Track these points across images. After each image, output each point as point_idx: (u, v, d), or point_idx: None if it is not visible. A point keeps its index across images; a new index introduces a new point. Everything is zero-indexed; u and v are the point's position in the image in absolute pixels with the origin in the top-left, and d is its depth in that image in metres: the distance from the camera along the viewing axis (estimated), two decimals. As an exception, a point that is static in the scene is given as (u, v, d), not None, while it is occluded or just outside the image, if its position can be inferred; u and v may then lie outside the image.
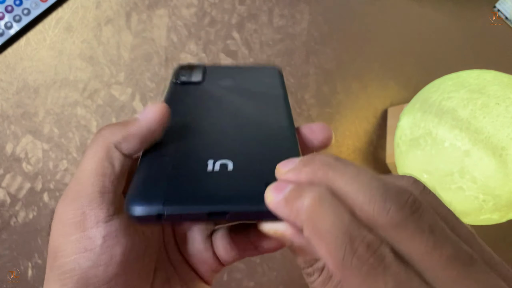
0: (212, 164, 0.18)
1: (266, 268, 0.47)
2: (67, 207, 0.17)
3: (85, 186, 0.17)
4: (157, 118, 0.19)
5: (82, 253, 0.17)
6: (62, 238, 0.17)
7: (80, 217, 0.17)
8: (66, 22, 0.45)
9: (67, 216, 0.17)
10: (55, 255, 0.17)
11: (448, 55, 0.55)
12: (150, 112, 0.19)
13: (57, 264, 0.17)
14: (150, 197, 0.16)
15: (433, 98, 0.40)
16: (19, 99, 0.43)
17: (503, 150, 0.35)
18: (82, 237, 0.17)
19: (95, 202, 0.17)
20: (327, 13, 0.52)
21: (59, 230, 0.17)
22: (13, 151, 0.42)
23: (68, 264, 0.17)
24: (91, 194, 0.17)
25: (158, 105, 0.19)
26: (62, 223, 0.17)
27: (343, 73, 0.51)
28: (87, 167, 0.18)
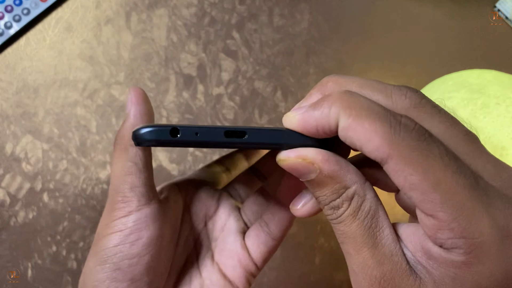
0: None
1: (266, 268, 0.47)
2: (110, 203, 0.21)
3: (117, 185, 0.21)
4: (139, 103, 0.21)
5: (115, 233, 0.20)
6: (103, 225, 0.21)
7: (116, 210, 0.21)
8: (66, 22, 0.45)
9: (109, 209, 0.21)
10: (96, 239, 0.21)
11: (448, 55, 0.55)
12: (131, 103, 0.21)
13: (96, 244, 0.21)
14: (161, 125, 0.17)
15: (433, 98, 0.40)
16: (18, 99, 0.43)
17: (503, 150, 0.35)
18: (117, 222, 0.20)
19: (128, 197, 0.20)
20: (327, 13, 0.52)
21: (101, 223, 0.21)
22: (13, 151, 0.42)
23: (102, 241, 0.20)
24: (123, 191, 0.20)
25: (133, 93, 0.21)
26: (106, 216, 0.21)
27: (344, 73, 0.51)
28: (116, 171, 0.21)
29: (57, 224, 0.42)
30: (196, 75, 0.47)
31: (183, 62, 0.47)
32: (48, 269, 0.42)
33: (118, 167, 0.20)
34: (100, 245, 0.20)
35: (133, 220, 0.20)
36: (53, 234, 0.42)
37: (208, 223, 0.25)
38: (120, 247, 0.20)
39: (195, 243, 0.25)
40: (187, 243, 0.25)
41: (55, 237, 0.42)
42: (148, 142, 0.17)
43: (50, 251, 0.42)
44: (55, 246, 0.42)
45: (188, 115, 0.46)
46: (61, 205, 0.43)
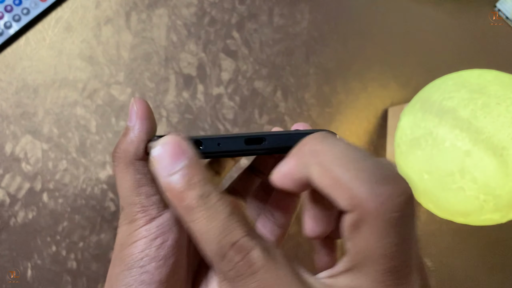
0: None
1: (266, 269, 0.47)
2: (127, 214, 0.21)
3: (131, 199, 0.20)
4: (145, 118, 0.20)
5: (139, 240, 0.20)
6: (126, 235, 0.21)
7: (137, 220, 0.20)
8: (66, 22, 0.45)
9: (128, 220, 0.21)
10: (119, 249, 0.21)
11: (448, 55, 0.55)
12: (137, 117, 0.20)
13: (121, 252, 0.21)
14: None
15: (434, 98, 0.40)
16: (18, 99, 0.43)
17: (504, 150, 0.35)
18: (141, 230, 0.20)
19: (146, 207, 0.20)
20: (327, 13, 0.52)
21: (122, 235, 0.21)
22: (13, 151, 0.42)
23: (128, 249, 0.20)
24: (140, 202, 0.20)
25: (138, 105, 0.21)
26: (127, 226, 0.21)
27: (343, 73, 0.51)
28: (125, 185, 0.20)
29: (56, 224, 0.42)
30: (196, 75, 0.47)
31: (183, 62, 0.47)
32: (47, 269, 0.42)
33: (128, 181, 0.20)
34: (125, 253, 0.20)
35: (157, 226, 0.20)
36: (52, 234, 0.42)
37: None
38: (147, 251, 0.20)
39: None
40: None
41: (55, 237, 0.42)
42: None
43: (49, 251, 0.42)
44: (54, 246, 0.42)
45: (188, 115, 0.46)
46: (61, 205, 0.43)
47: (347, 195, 0.14)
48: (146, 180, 0.20)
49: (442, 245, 0.53)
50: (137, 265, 0.20)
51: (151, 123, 0.21)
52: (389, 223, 0.14)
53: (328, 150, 0.15)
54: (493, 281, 0.55)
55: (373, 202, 0.14)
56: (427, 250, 0.53)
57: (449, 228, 0.54)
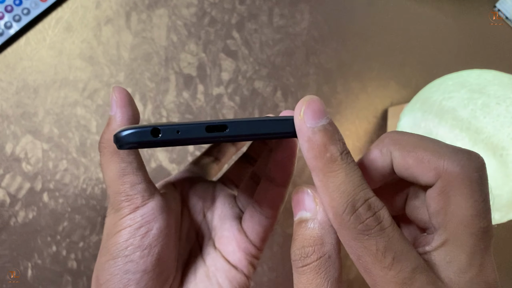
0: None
1: (266, 268, 0.47)
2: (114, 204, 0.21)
3: (117, 188, 0.21)
4: (125, 106, 0.21)
5: (124, 229, 0.21)
6: (111, 224, 0.21)
7: (122, 209, 0.21)
8: (66, 22, 0.45)
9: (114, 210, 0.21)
10: (106, 239, 0.21)
11: (448, 55, 0.55)
12: (117, 105, 0.21)
13: (106, 242, 0.21)
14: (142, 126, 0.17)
15: (434, 98, 0.40)
16: (18, 99, 0.43)
17: (504, 150, 0.35)
18: (126, 219, 0.21)
19: (131, 195, 0.21)
20: (327, 13, 0.52)
21: (108, 224, 0.21)
22: (13, 151, 0.42)
23: (113, 239, 0.21)
24: (125, 191, 0.21)
25: (117, 94, 0.21)
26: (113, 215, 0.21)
27: (343, 73, 0.51)
28: (111, 174, 0.21)
29: (57, 224, 0.42)
30: (196, 75, 0.47)
31: (183, 62, 0.47)
32: (48, 269, 0.42)
33: (113, 170, 0.21)
34: (111, 242, 0.21)
35: (141, 215, 0.21)
36: (53, 234, 0.42)
37: (207, 214, 0.26)
38: (131, 240, 0.20)
39: (196, 235, 0.26)
40: (189, 236, 0.25)
41: (55, 237, 0.42)
42: (130, 145, 0.17)
43: (50, 251, 0.42)
44: (55, 246, 0.42)
45: (188, 115, 0.46)
46: (61, 205, 0.43)
47: (431, 167, 0.16)
48: (130, 168, 0.21)
49: (442, 245, 0.53)
50: (122, 254, 0.20)
51: (132, 110, 0.21)
52: (474, 182, 0.15)
53: (406, 138, 0.17)
54: (493, 281, 0.55)
55: (456, 166, 0.15)
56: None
57: (449, 228, 0.54)
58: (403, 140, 0.17)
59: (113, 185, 0.21)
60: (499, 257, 0.56)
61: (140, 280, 0.21)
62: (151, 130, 0.17)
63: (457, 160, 0.15)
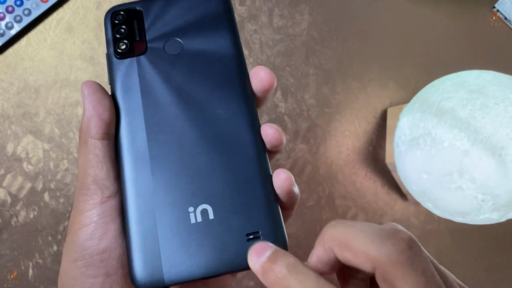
0: (194, 214, 0.20)
1: (266, 268, 0.47)
2: (75, 198, 0.21)
3: (82, 179, 0.21)
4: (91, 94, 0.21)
5: (81, 228, 0.20)
6: (71, 221, 0.21)
7: (81, 204, 0.20)
8: (67, 23, 0.45)
9: (75, 204, 0.21)
10: (68, 236, 0.21)
11: (447, 55, 0.55)
12: (84, 97, 0.21)
13: (67, 241, 0.21)
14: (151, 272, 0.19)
15: (433, 98, 0.40)
16: (20, 99, 0.43)
17: (502, 150, 0.35)
18: (82, 217, 0.20)
19: (91, 190, 0.20)
20: (327, 13, 0.52)
21: (70, 219, 0.21)
22: (14, 151, 0.43)
23: (72, 238, 0.20)
24: (86, 185, 0.20)
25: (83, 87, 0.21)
26: (73, 211, 0.21)
27: (343, 73, 0.52)
28: (80, 163, 0.21)
29: (58, 224, 0.43)
30: (197, 75, 0.47)
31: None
32: (49, 269, 0.42)
33: (81, 161, 0.21)
34: (70, 242, 0.20)
35: (98, 214, 0.20)
36: (54, 234, 0.42)
37: None
38: (89, 243, 0.20)
39: None
40: None
41: (56, 236, 0.42)
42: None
43: (51, 250, 0.42)
44: (56, 245, 0.42)
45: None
46: (62, 205, 0.43)
47: (365, 260, 0.17)
48: (96, 161, 0.20)
49: (441, 244, 0.54)
50: (82, 258, 0.20)
51: (99, 96, 0.21)
52: (404, 264, 0.16)
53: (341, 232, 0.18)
54: (492, 280, 0.55)
55: (383, 255, 0.16)
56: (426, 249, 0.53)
57: (448, 228, 0.54)
58: (338, 235, 0.18)
59: (79, 177, 0.21)
60: (498, 256, 0.56)
61: (102, 284, 0.20)
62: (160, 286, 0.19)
63: (383, 250, 0.16)
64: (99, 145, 0.21)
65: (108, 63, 0.22)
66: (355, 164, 0.51)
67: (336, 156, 0.51)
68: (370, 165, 0.52)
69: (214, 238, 0.19)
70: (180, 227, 0.20)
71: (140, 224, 0.20)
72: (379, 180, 0.52)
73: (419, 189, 0.42)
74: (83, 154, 0.21)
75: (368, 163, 0.52)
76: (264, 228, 0.20)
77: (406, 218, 0.52)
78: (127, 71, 0.22)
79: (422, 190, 0.41)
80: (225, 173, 0.20)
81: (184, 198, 0.20)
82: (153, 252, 0.19)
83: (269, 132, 0.22)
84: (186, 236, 0.19)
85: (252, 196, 0.20)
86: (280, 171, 0.21)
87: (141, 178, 0.20)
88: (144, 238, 0.20)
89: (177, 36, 0.22)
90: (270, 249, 0.18)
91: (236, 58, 0.22)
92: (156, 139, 0.21)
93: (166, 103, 0.21)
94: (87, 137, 0.21)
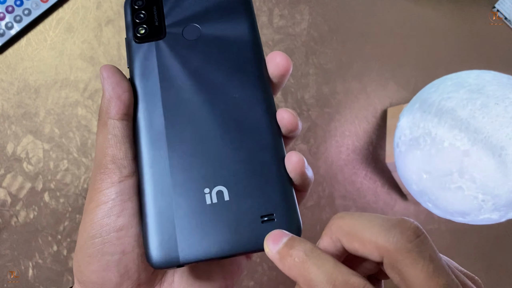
0: (210, 195, 0.20)
1: (266, 268, 0.47)
2: (92, 177, 0.21)
3: (100, 158, 0.21)
4: (110, 76, 0.21)
5: (99, 206, 0.20)
6: (88, 200, 0.21)
7: (98, 182, 0.21)
8: (67, 23, 0.45)
9: (92, 183, 0.21)
10: (84, 215, 0.21)
11: (447, 55, 0.55)
12: (104, 79, 0.21)
13: (84, 219, 0.21)
14: (166, 251, 0.19)
15: (433, 98, 0.40)
16: (20, 99, 0.43)
17: (502, 150, 0.35)
18: (100, 195, 0.20)
19: (109, 169, 0.21)
20: (327, 13, 0.52)
21: (87, 198, 0.21)
22: (14, 151, 0.43)
23: (89, 216, 0.20)
24: (105, 164, 0.21)
25: (103, 71, 0.21)
26: (90, 190, 0.21)
27: (343, 73, 0.52)
28: (98, 145, 0.21)
29: (58, 224, 0.43)
30: (197, 75, 0.47)
31: None
32: (49, 269, 0.42)
33: (100, 141, 0.21)
34: (87, 220, 0.20)
35: (116, 192, 0.20)
36: (54, 234, 0.42)
37: None
38: (106, 220, 0.20)
39: None
40: None
41: (56, 236, 0.42)
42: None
43: (51, 250, 0.42)
44: (56, 245, 0.42)
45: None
46: (62, 205, 0.43)
47: (373, 248, 0.17)
48: (114, 141, 0.21)
49: (441, 244, 0.54)
50: (99, 235, 0.20)
51: (117, 77, 0.21)
52: (412, 251, 0.16)
53: (348, 223, 0.18)
54: (491, 280, 0.55)
55: (390, 244, 0.16)
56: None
57: (448, 228, 0.54)
58: (346, 225, 0.18)
59: (97, 156, 0.21)
60: (498, 256, 0.56)
61: (119, 262, 0.20)
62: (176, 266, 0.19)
63: (390, 238, 0.17)
64: (118, 125, 0.21)
65: (128, 47, 0.23)
66: (355, 164, 0.51)
67: (336, 156, 0.51)
68: (370, 165, 0.52)
69: (229, 219, 0.20)
70: (196, 207, 0.20)
71: (156, 204, 0.20)
72: (379, 180, 0.52)
73: (419, 189, 0.42)
74: (101, 134, 0.21)
75: (368, 163, 0.52)
76: (279, 210, 0.20)
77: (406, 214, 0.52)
78: (146, 55, 0.22)
79: (422, 190, 0.41)
80: (241, 156, 0.21)
81: (200, 179, 0.20)
82: (169, 232, 0.19)
83: (285, 116, 0.22)
84: (201, 216, 0.20)
85: (267, 179, 0.20)
86: (292, 153, 0.21)
87: (158, 159, 0.21)
88: (160, 218, 0.20)
89: (195, 22, 0.23)
90: (287, 236, 0.19)
91: (253, 43, 0.22)
92: (173, 121, 0.21)
93: (184, 87, 0.22)
94: (107, 117, 0.21)
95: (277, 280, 0.47)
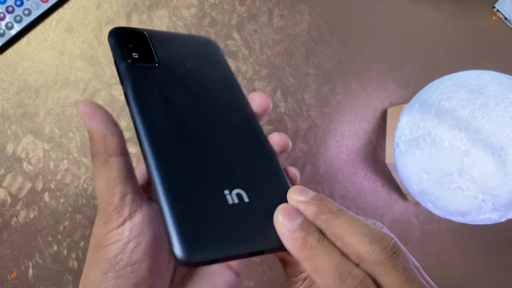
0: (230, 196, 0.21)
1: (266, 268, 0.47)
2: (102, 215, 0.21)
3: (107, 198, 0.21)
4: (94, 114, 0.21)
5: (113, 244, 0.21)
6: (100, 237, 0.21)
7: (110, 222, 0.21)
8: (67, 23, 0.45)
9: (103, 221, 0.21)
10: (94, 250, 0.21)
11: (447, 55, 0.55)
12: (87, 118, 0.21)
13: (96, 255, 0.21)
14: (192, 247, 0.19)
15: (433, 98, 0.40)
16: (20, 99, 0.43)
17: (502, 150, 0.35)
18: (113, 233, 0.21)
19: (119, 207, 0.21)
20: (327, 13, 0.52)
21: (96, 234, 0.22)
22: (14, 151, 0.43)
23: (102, 252, 0.21)
24: (114, 203, 0.21)
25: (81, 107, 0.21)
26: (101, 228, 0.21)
27: (343, 73, 0.52)
28: (102, 184, 0.21)
29: (58, 224, 0.43)
30: (197, 75, 0.47)
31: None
32: (49, 269, 0.42)
33: (104, 180, 0.21)
34: (100, 256, 0.21)
35: (129, 228, 0.21)
36: (54, 234, 0.42)
37: None
38: (121, 256, 0.21)
39: None
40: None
41: (56, 236, 0.42)
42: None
43: (51, 250, 0.42)
44: (56, 245, 0.42)
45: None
46: (62, 205, 0.43)
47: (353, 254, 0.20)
48: (120, 179, 0.21)
49: (441, 244, 0.54)
50: (112, 270, 0.21)
51: (101, 115, 0.21)
52: (388, 266, 0.19)
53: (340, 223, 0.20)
54: (491, 280, 0.55)
55: (370, 256, 0.19)
56: (426, 249, 0.53)
57: (448, 228, 0.54)
58: (337, 225, 0.20)
59: (103, 195, 0.21)
60: (498, 256, 0.56)
61: None
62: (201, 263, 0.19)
63: (371, 252, 0.19)
64: (121, 161, 0.21)
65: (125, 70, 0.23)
66: (355, 164, 0.51)
67: (336, 156, 0.51)
68: (370, 165, 0.52)
69: (252, 219, 0.21)
70: (219, 207, 0.20)
71: (179, 203, 0.20)
72: (379, 180, 0.52)
73: (419, 189, 0.42)
74: (104, 173, 0.21)
75: (368, 163, 0.52)
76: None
77: (406, 218, 0.52)
78: (144, 77, 0.23)
79: (422, 190, 0.41)
80: (253, 163, 0.23)
81: (220, 181, 0.21)
82: (195, 229, 0.20)
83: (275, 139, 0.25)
84: (225, 216, 0.20)
85: (278, 182, 0.23)
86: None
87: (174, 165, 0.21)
88: (184, 216, 0.20)
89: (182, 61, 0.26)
90: (300, 217, 0.20)
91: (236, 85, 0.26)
92: (182, 134, 0.22)
93: (186, 109, 0.23)
94: (107, 156, 0.21)
95: (277, 280, 0.47)
